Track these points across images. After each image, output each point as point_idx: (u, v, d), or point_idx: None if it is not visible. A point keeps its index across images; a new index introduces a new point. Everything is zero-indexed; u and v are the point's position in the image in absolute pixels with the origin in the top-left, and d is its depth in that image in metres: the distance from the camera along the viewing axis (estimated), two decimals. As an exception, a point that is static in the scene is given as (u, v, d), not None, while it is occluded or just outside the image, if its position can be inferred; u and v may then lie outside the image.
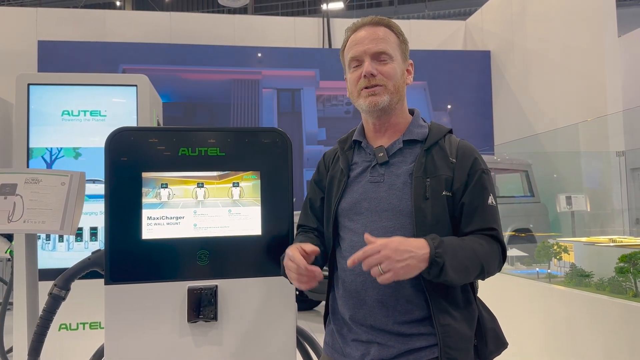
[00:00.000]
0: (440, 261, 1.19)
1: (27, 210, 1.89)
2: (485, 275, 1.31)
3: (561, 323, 2.90)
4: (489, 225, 1.34)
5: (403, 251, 1.16)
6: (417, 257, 1.18)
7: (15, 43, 7.68)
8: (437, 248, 1.20)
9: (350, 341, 1.38)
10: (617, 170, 4.71)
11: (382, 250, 1.15)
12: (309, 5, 17.26)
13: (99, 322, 3.04)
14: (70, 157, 3.11)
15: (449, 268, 1.20)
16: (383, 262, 1.15)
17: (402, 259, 1.16)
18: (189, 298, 1.66)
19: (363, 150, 1.47)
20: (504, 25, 8.13)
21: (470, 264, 1.26)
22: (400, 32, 1.46)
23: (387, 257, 1.15)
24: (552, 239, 3.52)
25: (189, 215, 1.71)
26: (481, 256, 1.28)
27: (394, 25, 1.45)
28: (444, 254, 1.20)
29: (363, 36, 1.41)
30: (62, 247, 3.09)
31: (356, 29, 1.45)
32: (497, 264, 1.34)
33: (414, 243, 1.19)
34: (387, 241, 1.17)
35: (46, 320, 1.85)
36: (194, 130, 1.77)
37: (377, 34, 1.40)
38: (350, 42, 1.45)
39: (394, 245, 1.16)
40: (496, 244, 1.34)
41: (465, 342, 1.31)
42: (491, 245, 1.33)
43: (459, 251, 1.24)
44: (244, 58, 7.94)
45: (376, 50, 1.39)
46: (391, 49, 1.40)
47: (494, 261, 1.32)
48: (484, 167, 1.39)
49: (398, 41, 1.44)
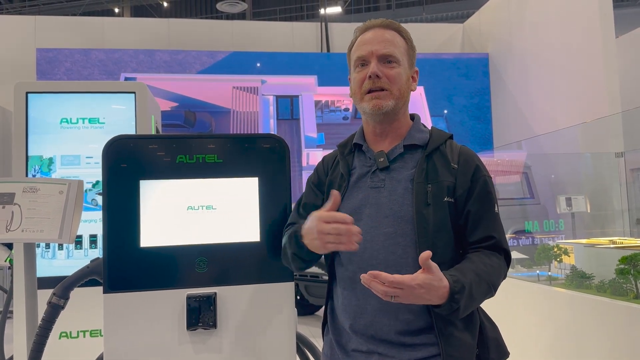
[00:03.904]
0: (455, 306, 1.20)
1: (26, 219, 1.89)
2: (492, 294, 1.32)
3: (562, 325, 2.89)
4: (495, 234, 1.34)
5: (420, 299, 1.17)
6: (430, 302, 1.19)
7: (13, 51, 7.69)
8: (456, 294, 1.19)
9: (350, 351, 1.37)
10: (616, 171, 4.71)
11: (405, 290, 1.15)
12: (307, 10, 17.30)
13: (99, 329, 3.03)
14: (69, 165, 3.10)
15: (462, 309, 1.22)
16: (399, 296, 1.15)
17: (416, 301, 1.18)
18: (188, 306, 1.65)
19: (363, 155, 1.46)
20: (502, 27, 8.14)
21: (481, 297, 1.28)
22: (409, 38, 1.45)
23: (402, 295, 1.15)
24: (551, 240, 3.52)
25: (187, 223, 1.70)
26: (492, 280, 1.29)
27: (403, 30, 1.45)
28: (461, 299, 1.20)
29: (371, 37, 1.40)
30: (62, 255, 3.09)
31: (365, 30, 1.44)
32: (502, 278, 1.35)
33: (438, 293, 1.18)
34: (415, 285, 1.15)
35: (45, 329, 1.84)
36: (191, 138, 1.77)
37: (386, 37, 1.39)
38: (358, 42, 1.43)
39: (417, 293, 1.15)
40: (502, 257, 1.35)
41: (468, 351, 1.30)
42: (498, 260, 1.34)
43: (475, 290, 1.24)
44: (243, 65, 7.94)
45: (384, 52, 1.38)
46: (399, 54, 1.39)
47: (500, 277, 1.33)
48: (486, 174, 1.39)
49: (406, 47, 1.43)
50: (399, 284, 1.13)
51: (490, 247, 1.35)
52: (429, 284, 1.16)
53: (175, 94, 7.67)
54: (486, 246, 1.34)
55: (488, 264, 1.30)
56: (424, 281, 1.15)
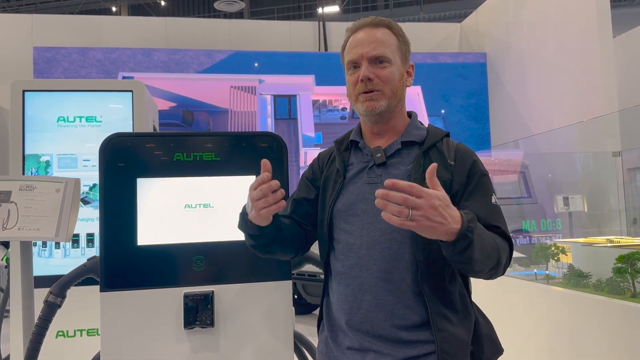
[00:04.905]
0: (470, 236, 1.13)
1: (22, 218, 1.88)
2: (498, 269, 1.27)
3: (559, 324, 2.90)
4: (495, 224, 1.31)
5: (438, 215, 1.09)
6: (445, 227, 1.11)
7: (10, 49, 7.67)
8: (469, 222, 1.14)
9: (345, 349, 1.36)
10: (613, 170, 4.72)
11: (425, 198, 1.08)
12: (305, 10, 17.30)
13: (97, 328, 3.02)
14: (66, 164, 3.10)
15: (476, 247, 1.15)
16: (417, 209, 1.07)
17: (433, 219, 1.09)
18: (186, 304, 1.65)
19: (360, 151, 1.46)
20: (500, 27, 8.15)
21: (492, 252, 1.22)
22: (400, 34, 1.44)
23: (421, 207, 1.07)
24: (548, 239, 3.53)
25: (184, 221, 1.70)
26: (499, 248, 1.26)
27: (394, 26, 1.43)
28: (474, 231, 1.15)
29: (362, 38, 1.39)
30: (59, 253, 3.08)
31: (356, 30, 1.43)
32: (507, 261, 1.31)
33: (453, 213, 1.12)
34: (433, 195, 1.09)
35: (42, 328, 1.84)
36: (189, 136, 1.76)
37: (376, 36, 1.39)
38: (349, 43, 1.43)
39: (436, 204, 1.08)
40: (505, 242, 1.31)
41: (463, 348, 1.30)
42: (502, 241, 1.30)
43: (485, 235, 1.21)
44: (241, 65, 7.92)
45: (374, 54, 1.37)
46: (390, 52, 1.39)
47: (505, 257, 1.29)
48: (483, 170, 1.38)
49: (398, 43, 1.42)
50: (418, 191, 1.07)
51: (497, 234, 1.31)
52: (444, 196, 1.11)
53: (173, 93, 7.66)
54: None
55: (494, 237, 1.27)
56: (439, 193, 1.10)
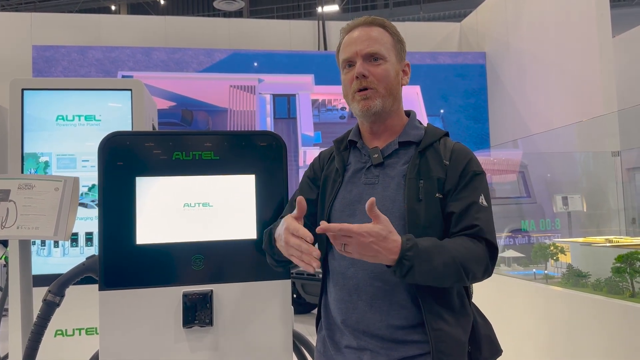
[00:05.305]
0: (407, 264, 1.17)
1: (21, 216, 1.88)
2: (468, 280, 1.27)
3: (558, 323, 2.90)
4: (476, 224, 1.30)
5: (369, 249, 1.16)
6: (380, 258, 1.18)
7: (9, 48, 7.66)
8: (407, 251, 1.18)
9: (342, 348, 1.37)
10: (612, 170, 4.72)
11: (353, 237, 1.14)
12: (304, 9, 17.29)
13: (95, 327, 3.02)
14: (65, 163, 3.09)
15: (416, 273, 1.19)
16: (347, 245, 1.16)
17: (365, 253, 1.16)
18: (184, 303, 1.65)
19: (358, 151, 1.46)
20: (499, 26, 8.15)
21: (445, 270, 1.22)
22: (395, 32, 1.44)
23: (350, 243, 1.15)
24: (547, 238, 3.53)
25: (183, 220, 1.70)
26: (463, 261, 1.24)
27: (388, 24, 1.44)
28: (414, 257, 1.18)
29: (356, 37, 1.40)
30: (58, 252, 3.07)
31: (350, 30, 1.44)
32: (483, 267, 1.29)
33: (389, 245, 1.16)
34: (363, 233, 1.14)
35: (40, 327, 1.83)
36: (188, 135, 1.76)
37: (371, 35, 1.39)
38: (344, 43, 1.44)
39: (366, 241, 1.14)
40: (483, 245, 1.30)
41: (459, 348, 1.29)
42: (477, 247, 1.28)
43: (434, 257, 1.21)
44: (240, 64, 7.92)
45: (368, 51, 1.37)
46: (384, 50, 1.39)
47: (479, 265, 1.28)
48: (476, 169, 1.37)
49: (393, 41, 1.42)
50: (347, 231, 1.14)
51: (472, 235, 1.30)
52: (377, 232, 1.15)
53: (173, 92, 7.65)
54: (468, 234, 1.30)
55: (462, 245, 1.26)
56: (371, 229, 1.15)
